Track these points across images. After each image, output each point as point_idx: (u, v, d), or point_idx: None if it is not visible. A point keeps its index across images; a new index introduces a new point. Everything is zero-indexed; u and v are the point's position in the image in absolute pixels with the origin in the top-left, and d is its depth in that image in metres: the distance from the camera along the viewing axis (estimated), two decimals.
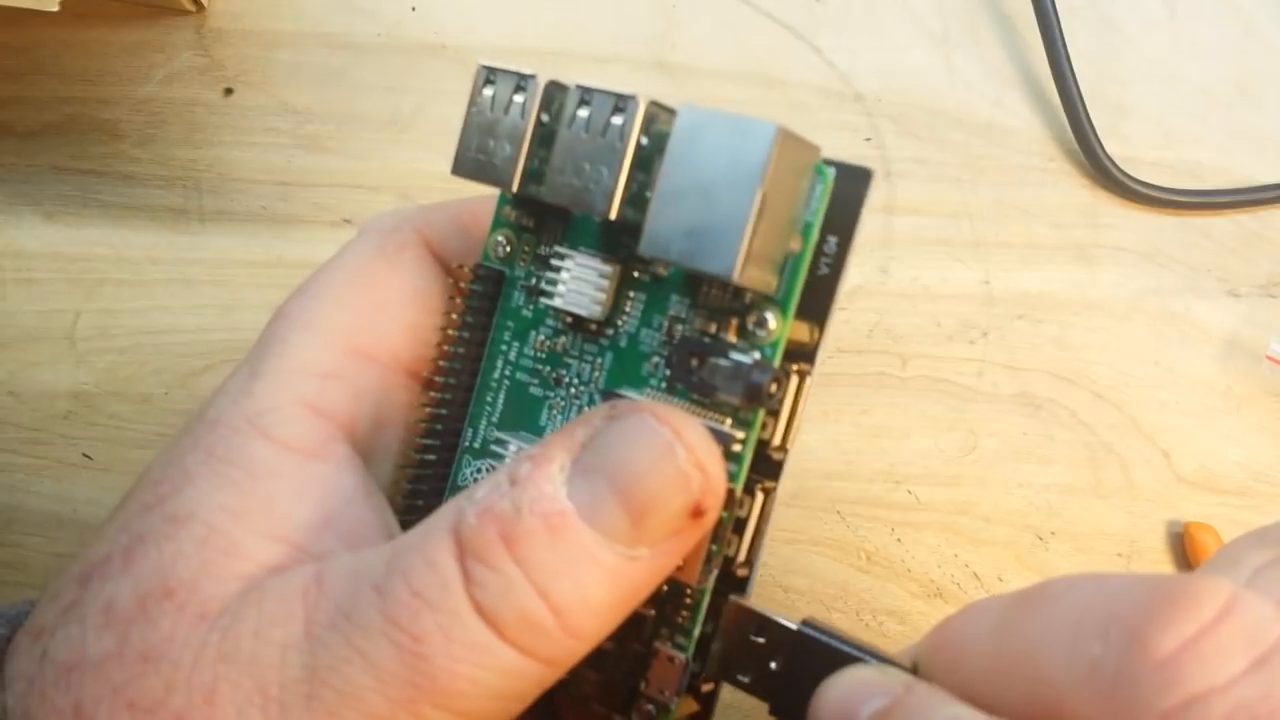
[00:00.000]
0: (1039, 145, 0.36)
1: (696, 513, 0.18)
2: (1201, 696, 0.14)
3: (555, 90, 0.21)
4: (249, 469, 0.20)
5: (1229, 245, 0.36)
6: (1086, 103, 0.35)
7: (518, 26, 0.37)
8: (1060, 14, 0.35)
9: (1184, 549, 0.35)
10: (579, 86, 0.20)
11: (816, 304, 0.20)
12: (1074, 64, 0.35)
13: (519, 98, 0.21)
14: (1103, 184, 0.36)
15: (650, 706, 0.21)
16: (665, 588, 0.21)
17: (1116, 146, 0.35)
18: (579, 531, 0.18)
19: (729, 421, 0.20)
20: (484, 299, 0.23)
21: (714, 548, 0.20)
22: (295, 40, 0.38)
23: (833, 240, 0.20)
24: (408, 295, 0.23)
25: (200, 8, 0.38)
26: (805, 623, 0.20)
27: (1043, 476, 0.36)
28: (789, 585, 0.36)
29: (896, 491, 0.36)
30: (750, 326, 0.20)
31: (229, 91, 0.38)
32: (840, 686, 0.19)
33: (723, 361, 0.20)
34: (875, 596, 0.36)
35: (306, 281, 0.23)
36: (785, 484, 0.21)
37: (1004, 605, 0.18)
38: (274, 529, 0.20)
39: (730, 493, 0.20)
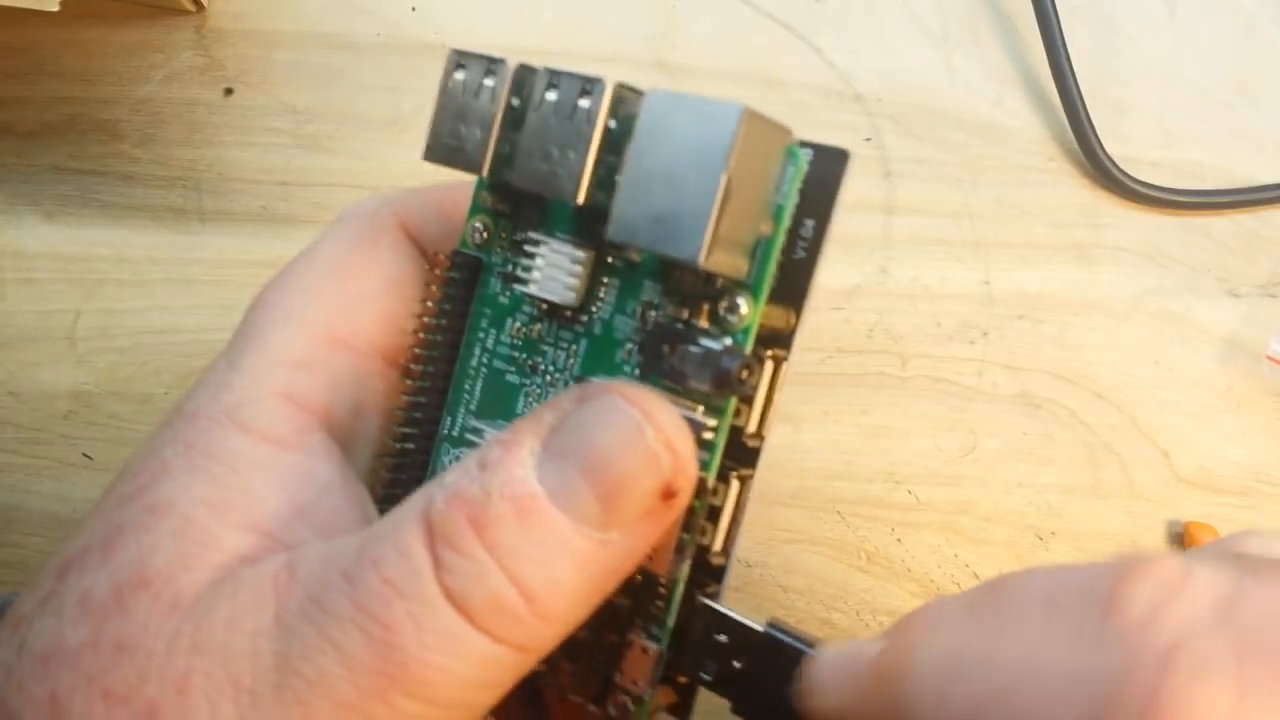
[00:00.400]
0: (1039, 145, 0.36)
1: (667, 494, 0.18)
2: (1183, 644, 0.14)
3: (525, 74, 0.21)
4: (227, 462, 0.20)
5: (1229, 245, 0.36)
6: (1086, 102, 0.35)
7: (518, 26, 0.37)
8: (1060, 14, 0.35)
9: (1184, 549, 0.35)
10: (547, 69, 0.20)
11: (792, 288, 0.20)
12: (1074, 64, 0.35)
13: (489, 81, 0.21)
14: (1103, 184, 0.36)
15: (625, 697, 0.21)
16: (639, 577, 0.20)
17: (1116, 146, 0.35)
18: (549, 515, 0.18)
19: (701, 409, 0.20)
20: (461, 286, 0.23)
21: (686, 537, 0.20)
22: (295, 40, 0.38)
23: (809, 224, 0.20)
24: (385, 282, 0.23)
25: (200, 8, 0.38)
26: (771, 624, 0.20)
27: (1043, 476, 0.36)
28: (789, 585, 0.36)
29: (896, 491, 0.36)
30: (722, 312, 0.20)
31: (229, 91, 0.38)
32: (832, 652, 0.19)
33: (693, 348, 0.19)
34: (875, 596, 0.36)
35: (284, 269, 0.23)
36: (785, 483, 0.21)
37: (968, 596, 0.18)
38: (249, 520, 0.20)
39: (702, 481, 0.19)
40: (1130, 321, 0.36)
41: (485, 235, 0.23)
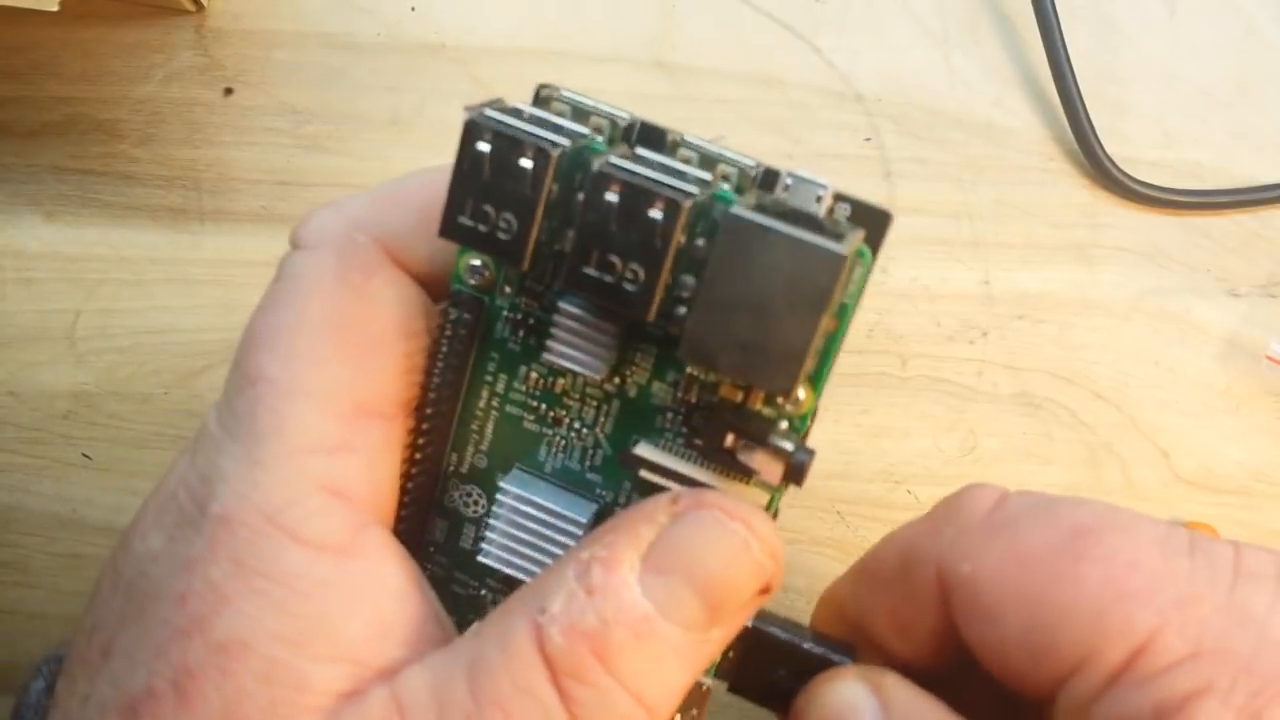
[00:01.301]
0: (1039, 145, 0.36)
1: (764, 591, 0.19)
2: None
3: (569, 159, 0.18)
4: (290, 584, 0.18)
5: (1229, 245, 0.36)
6: (1086, 103, 0.35)
7: (517, 26, 0.37)
8: (1060, 14, 0.35)
9: None
10: (606, 170, 0.17)
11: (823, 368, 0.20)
12: (1074, 64, 0.35)
13: (525, 163, 0.18)
14: (1103, 184, 0.36)
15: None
16: None
17: (1116, 146, 0.35)
18: (664, 632, 0.18)
19: (749, 482, 0.20)
20: (462, 325, 0.21)
21: None
22: (295, 40, 0.38)
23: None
24: (392, 328, 0.20)
25: (200, 8, 0.38)
26: (759, 618, 0.22)
27: (1043, 476, 0.36)
28: (789, 585, 0.36)
29: (896, 491, 0.36)
30: (780, 398, 0.20)
31: (229, 91, 0.38)
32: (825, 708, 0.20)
33: (762, 446, 0.19)
34: None
35: (267, 327, 0.20)
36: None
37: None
38: (335, 651, 0.18)
39: None
40: (1130, 321, 0.36)
41: (486, 275, 0.20)
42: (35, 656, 0.24)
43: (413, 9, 0.38)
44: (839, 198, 0.19)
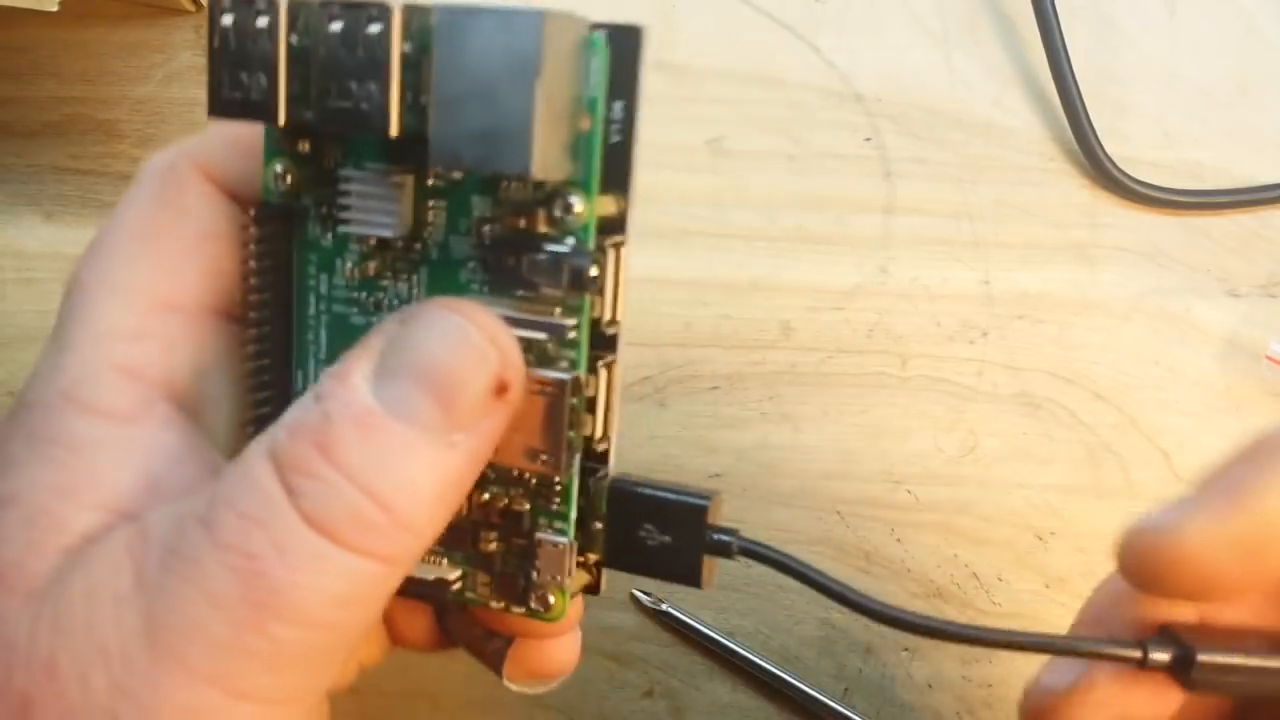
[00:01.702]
0: (1039, 145, 0.36)
1: (501, 389, 0.19)
2: None
3: (300, 8, 0.19)
4: (69, 444, 0.20)
5: (1229, 245, 0.36)
6: (1086, 103, 0.35)
7: None
8: (1060, 14, 0.35)
9: None
10: (322, 2, 0.19)
11: (616, 174, 0.20)
12: (1074, 64, 0.35)
13: (261, 22, 0.19)
14: (1103, 184, 0.36)
15: (545, 591, 0.22)
16: (534, 480, 0.21)
17: (1116, 146, 0.35)
18: (391, 427, 0.18)
19: (558, 310, 0.20)
20: (276, 238, 0.21)
21: (572, 435, 0.20)
22: None
23: (619, 105, 0.20)
24: (200, 237, 0.22)
25: (200, 8, 0.38)
26: (616, 479, 0.22)
27: (1043, 476, 0.36)
28: (789, 585, 0.36)
29: (896, 491, 0.36)
30: (558, 214, 0.20)
31: None
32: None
33: (540, 256, 0.20)
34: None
35: (93, 241, 0.22)
36: (785, 483, 0.21)
37: None
38: (99, 500, 0.19)
39: (577, 379, 0.20)
40: (1130, 321, 0.36)
41: (289, 180, 0.21)
42: None
43: None
44: (594, 25, 0.20)
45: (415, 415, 0.18)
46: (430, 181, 0.21)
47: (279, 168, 0.21)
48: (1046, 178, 0.36)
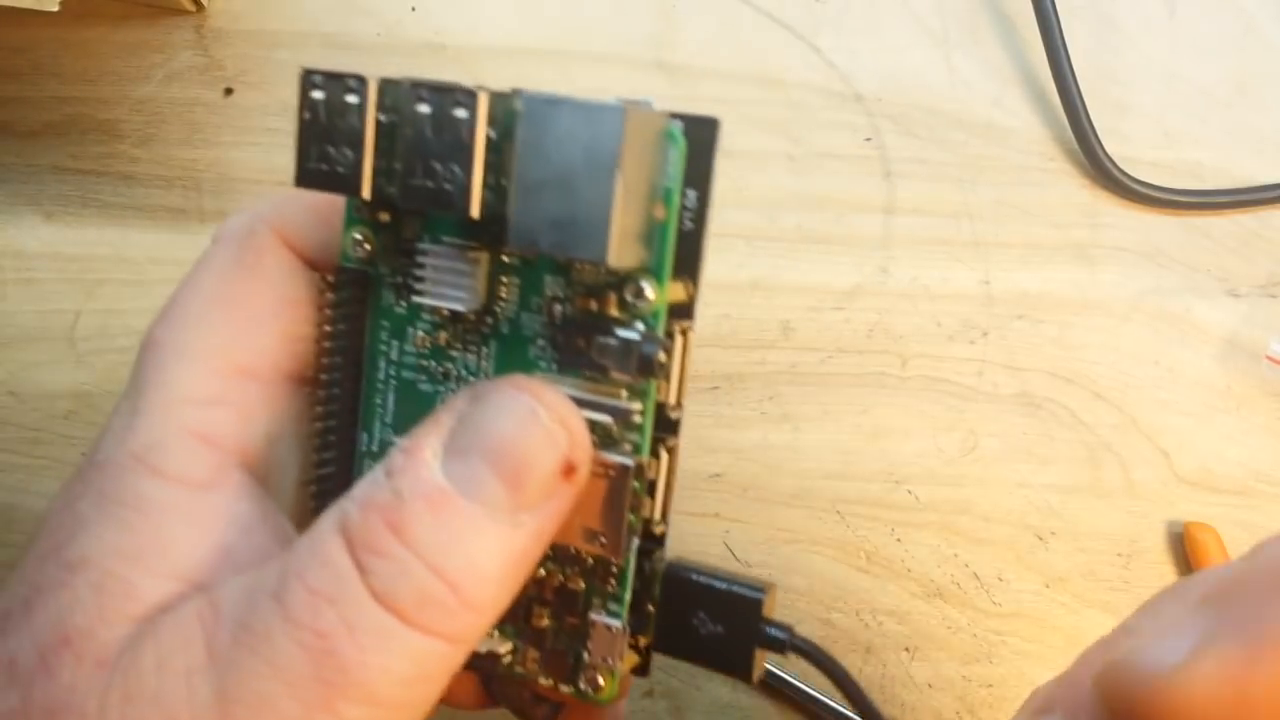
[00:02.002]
0: (1039, 145, 0.36)
1: (569, 470, 0.19)
2: None
3: (389, 87, 0.20)
4: (140, 508, 0.20)
5: (1229, 245, 0.36)
6: (1086, 103, 0.35)
7: (517, 26, 0.37)
8: (1060, 14, 0.35)
9: (1184, 549, 0.35)
10: (412, 83, 0.19)
11: (687, 261, 0.21)
12: (1074, 64, 0.35)
13: (352, 99, 0.20)
14: (1103, 184, 0.36)
15: (595, 672, 0.22)
16: (591, 561, 0.22)
17: (1116, 146, 0.35)
18: (460, 506, 0.18)
19: (624, 393, 0.20)
20: (352, 302, 0.22)
21: (632, 518, 0.20)
22: (295, 40, 0.38)
23: (692, 195, 0.20)
24: (277, 302, 0.22)
25: (200, 8, 0.38)
26: (672, 563, 0.22)
27: (1043, 476, 0.36)
28: (789, 585, 0.36)
29: (896, 491, 0.36)
30: (629, 299, 0.20)
31: (229, 91, 0.38)
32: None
33: (610, 340, 0.20)
34: (875, 596, 0.36)
35: (169, 303, 0.22)
36: (785, 483, 0.21)
37: None
38: (169, 568, 0.19)
39: (639, 464, 0.20)
40: (1130, 321, 0.36)
41: (368, 248, 0.22)
42: None
43: (413, 9, 0.38)
44: (673, 116, 0.20)
45: (484, 494, 0.18)
46: (505, 259, 0.21)
47: (358, 235, 0.22)
48: (1046, 178, 0.36)
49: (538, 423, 0.19)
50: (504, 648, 0.22)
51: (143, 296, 0.38)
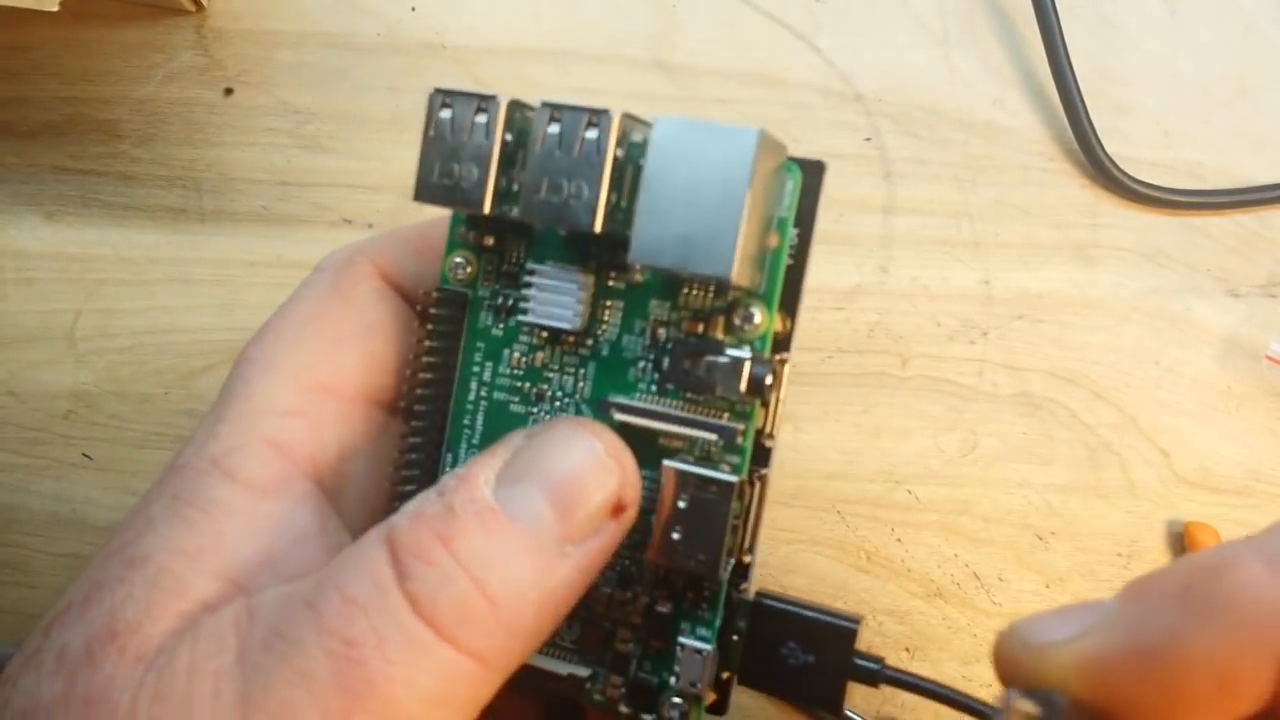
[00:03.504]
0: (1039, 145, 0.36)
1: (618, 509, 0.19)
2: None
3: (516, 108, 0.21)
4: (205, 509, 0.20)
5: (1229, 245, 0.36)
6: (1086, 103, 0.35)
7: (517, 26, 0.37)
8: (1060, 14, 0.35)
9: (1184, 549, 0.35)
10: (545, 104, 0.20)
11: (788, 295, 0.21)
12: (1074, 64, 0.35)
13: (480, 119, 0.21)
14: (1103, 184, 0.36)
15: (678, 699, 0.21)
16: (681, 583, 0.21)
17: (1116, 146, 0.35)
18: (509, 526, 0.18)
19: (726, 415, 0.21)
20: (449, 323, 0.23)
21: (730, 540, 0.21)
22: (295, 40, 0.38)
23: (795, 232, 0.21)
24: (364, 326, 0.23)
25: (200, 8, 0.38)
26: (760, 594, 0.22)
27: (1043, 476, 0.36)
28: (789, 585, 0.36)
29: (896, 491, 0.36)
30: (738, 323, 0.21)
31: (229, 91, 0.38)
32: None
33: (720, 359, 0.20)
34: (875, 596, 0.36)
35: (267, 323, 0.23)
36: (785, 483, 0.21)
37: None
38: (219, 566, 0.20)
39: (741, 484, 0.21)
40: (1130, 321, 0.36)
41: (468, 269, 0.23)
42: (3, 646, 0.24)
43: (413, 9, 0.38)
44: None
45: (534, 518, 0.18)
46: (610, 282, 0.22)
47: (460, 258, 0.23)
48: (1046, 178, 0.36)
49: (593, 456, 0.19)
50: (585, 672, 0.22)
51: (143, 296, 0.38)
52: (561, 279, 0.21)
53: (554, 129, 0.20)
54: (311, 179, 0.38)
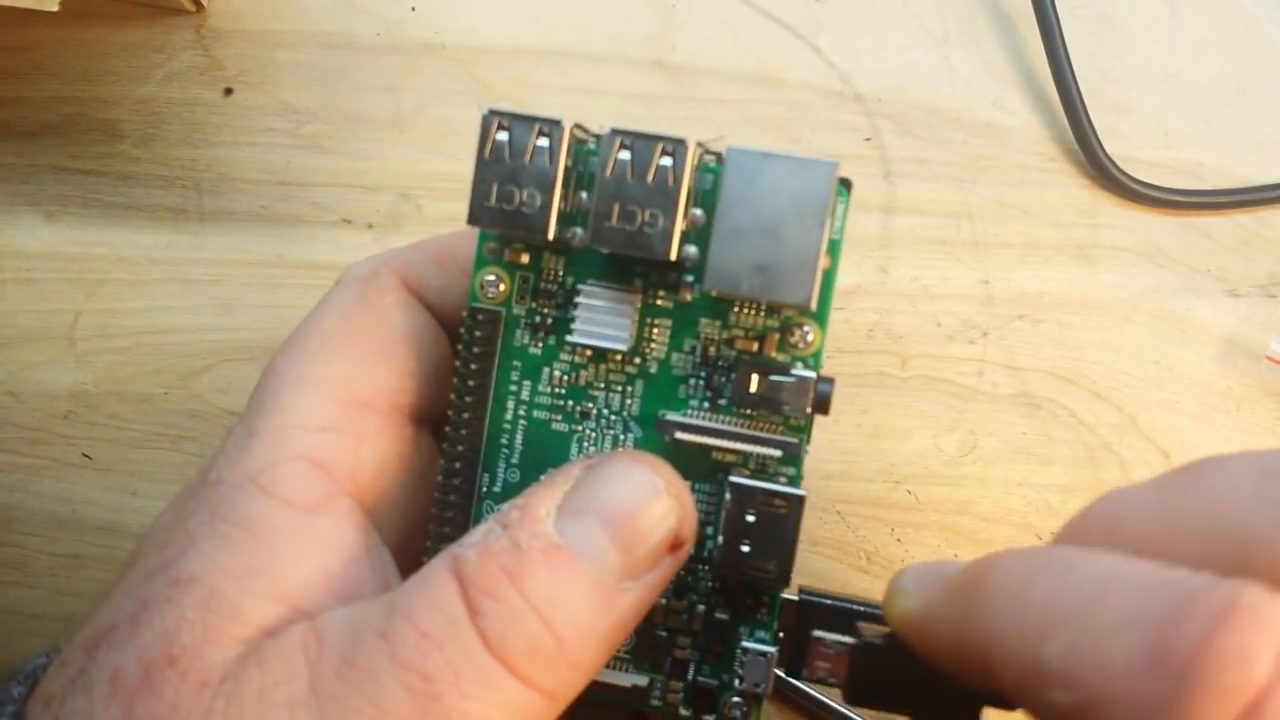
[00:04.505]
0: (1039, 145, 0.36)
1: (676, 544, 0.20)
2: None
3: (580, 132, 0.21)
4: (250, 528, 0.20)
5: (1229, 245, 0.36)
6: (1086, 103, 0.35)
7: (517, 26, 0.37)
8: (1060, 14, 0.35)
9: None
10: (614, 130, 0.20)
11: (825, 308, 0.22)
12: (1074, 64, 0.35)
13: (542, 142, 0.20)
14: (1102, 184, 0.36)
15: (739, 700, 0.22)
16: (738, 590, 0.22)
17: (1116, 146, 0.35)
18: (574, 562, 0.18)
19: (780, 429, 0.22)
20: (483, 343, 0.22)
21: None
22: (295, 40, 0.38)
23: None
24: (396, 339, 0.23)
25: (200, 8, 0.38)
26: (803, 590, 0.23)
27: (1043, 476, 0.36)
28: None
29: (896, 491, 0.36)
30: (792, 340, 0.21)
31: (229, 91, 0.38)
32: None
33: (786, 379, 0.21)
34: (875, 596, 0.36)
35: (293, 335, 0.23)
36: None
37: (1158, 480, 0.18)
38: (274, 590, 0.20)
39: (805, 497, 0.21)
40: (1130, 321, 0.36)
41: (501, 288, 0.22)
42: (35, 657, 0.24)
43: (413, 9, 0.38)
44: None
45: (597, 555, 0.19)
46: (657, 301, 0.22)
47: (491, 275, 0.22)
48: (1046, 178, 0.36)
49: (655, 493, 0.19)
50: (644, 681, 0.22)
51: (143, 296, 0.38)
52: (612, 300, 0.21)
53: (624, 155, 0.20)
54: (311, 179, 0.37)
